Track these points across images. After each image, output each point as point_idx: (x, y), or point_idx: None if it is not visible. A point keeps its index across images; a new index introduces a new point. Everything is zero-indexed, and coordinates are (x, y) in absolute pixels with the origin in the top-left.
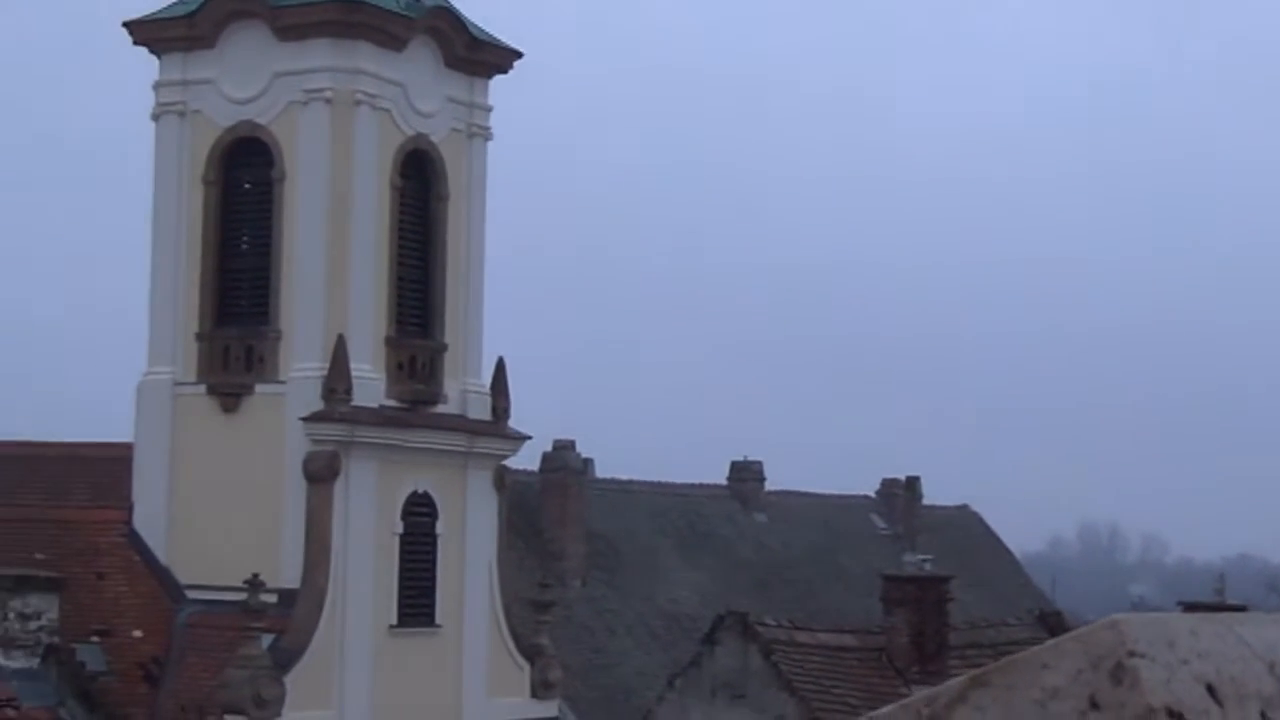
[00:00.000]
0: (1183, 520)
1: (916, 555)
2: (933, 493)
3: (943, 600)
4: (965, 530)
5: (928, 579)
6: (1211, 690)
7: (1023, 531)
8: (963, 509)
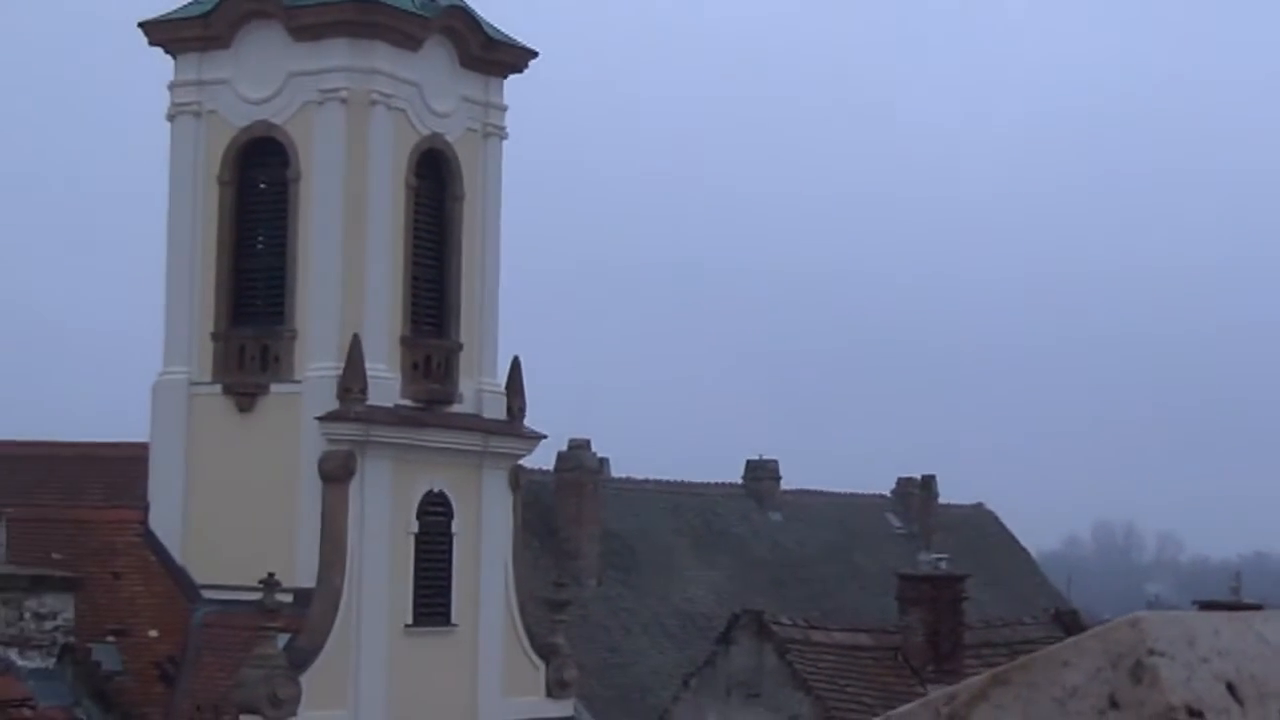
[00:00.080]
0: (1198, 519)
1: (932, 554)
2: (948, 492)
3: (958, 599)
4: (981, 529)
5: (943, 578)
6: (1231, 689)
7: (1038, 530)
8: (978, 508)
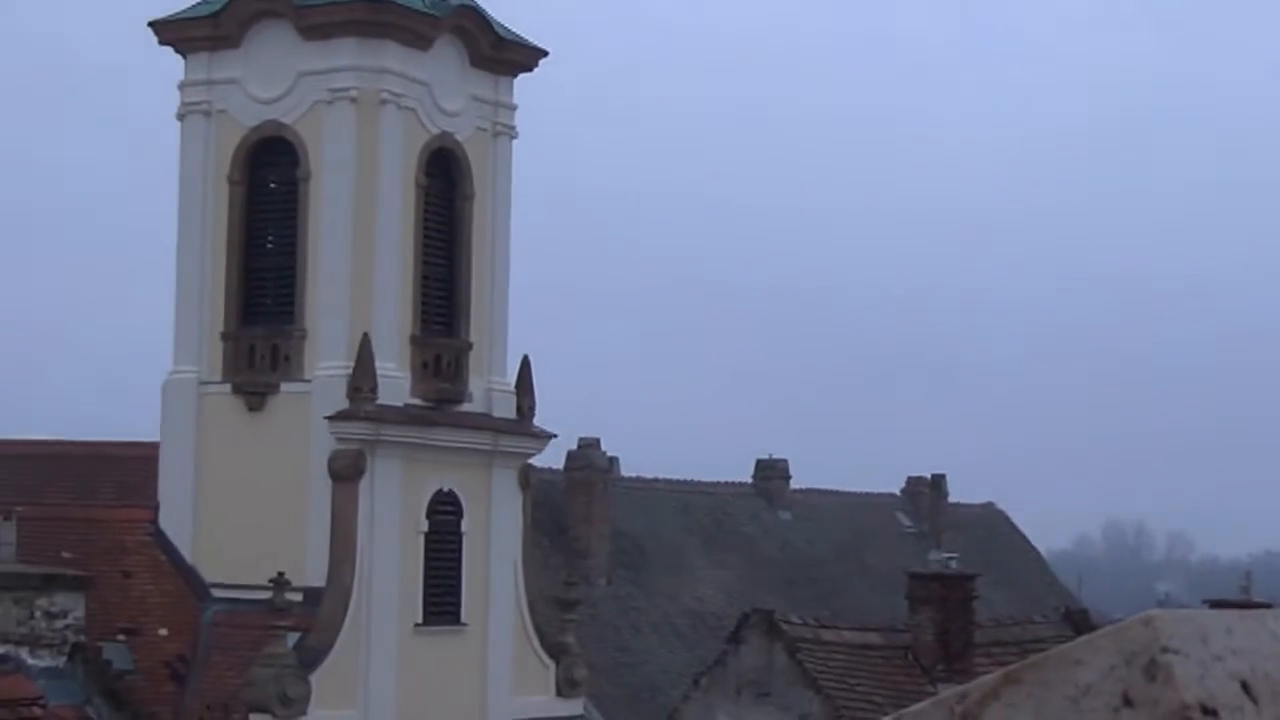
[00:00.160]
0: (1208, 518)
1: (942, 553)
2: (958, 491)
3: (968, 598)
4: (991, 528)
5: (953, 577)
6: (1246, 687)
7: (1048, 529)
8: (988, 507)
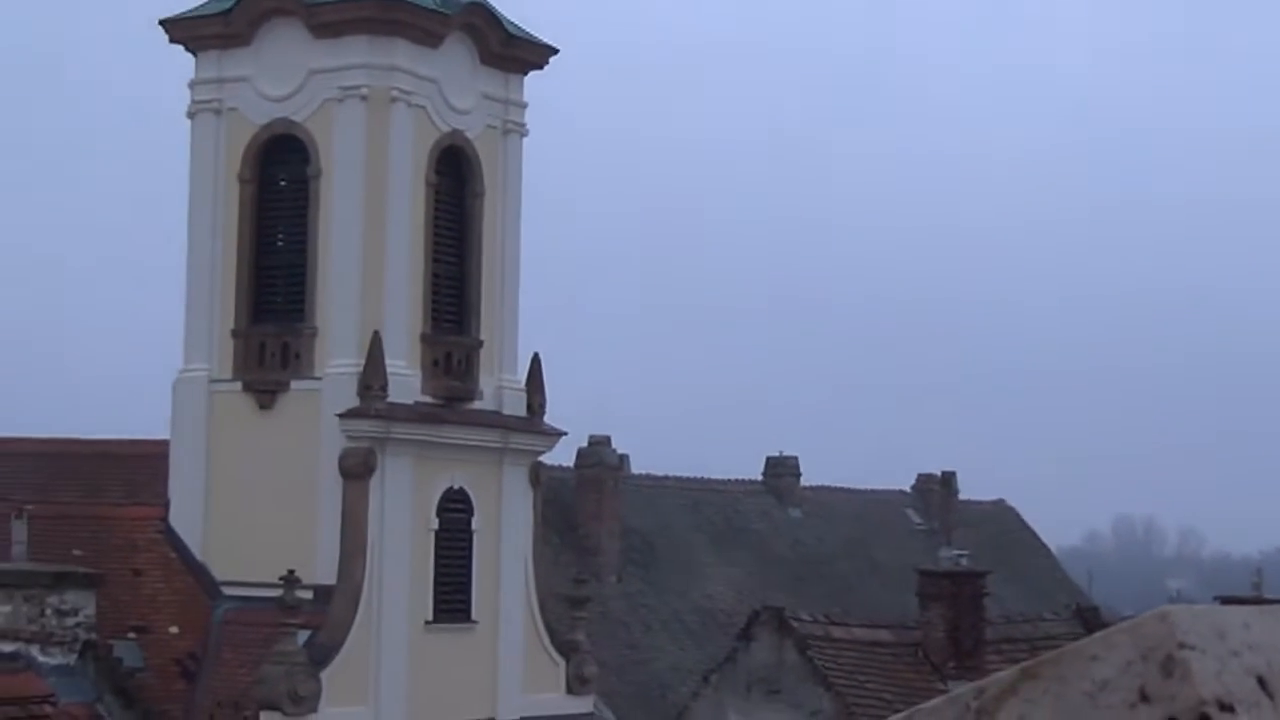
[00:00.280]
0: (1219, 514)
1: (952, 550)
2: (969, 488)
3: (979, 595)
4: (1001, 525)
5: (964, 574)
6: (1262, 682)
7: (1059, 526)
8: (999, 504)
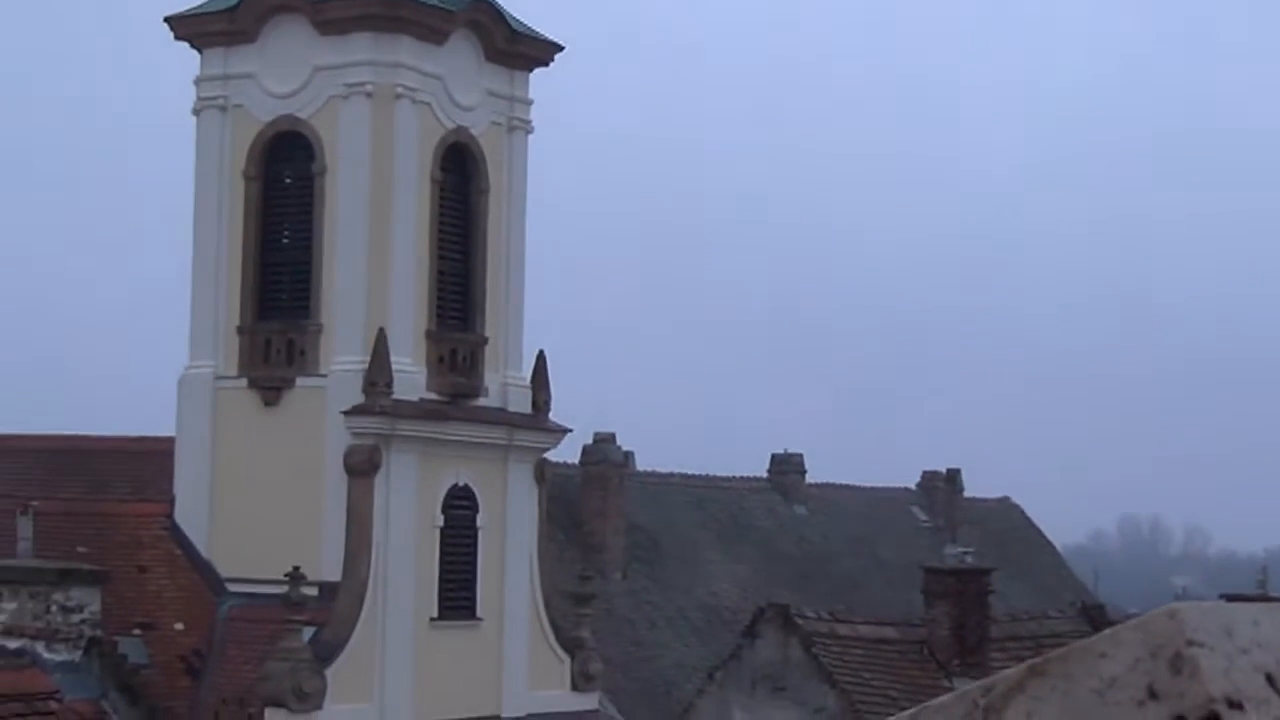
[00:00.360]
0: (1225, 512)
1: (957, 548)
2: (974, 485)
3: (984, 593)
4: (1006, 522)
5: (969, 571)
6: (1270, 679)
7: (1064, 524)
8: (1004, 501)
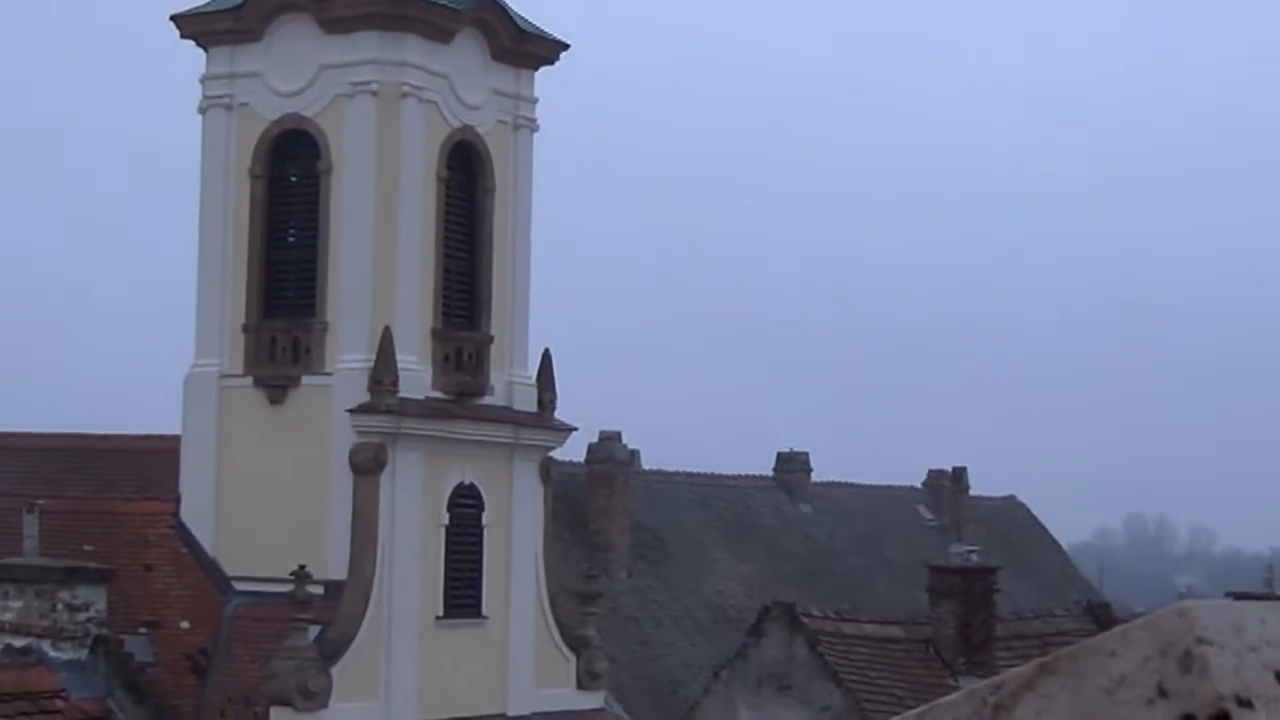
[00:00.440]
0: (1231, 511)
1: (963, 546)
2: (979, 484)
3: (989, 591)
4: (1012, 521)
5: (974, 570)
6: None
7: (1070, 523)
8: (1009, 500)
